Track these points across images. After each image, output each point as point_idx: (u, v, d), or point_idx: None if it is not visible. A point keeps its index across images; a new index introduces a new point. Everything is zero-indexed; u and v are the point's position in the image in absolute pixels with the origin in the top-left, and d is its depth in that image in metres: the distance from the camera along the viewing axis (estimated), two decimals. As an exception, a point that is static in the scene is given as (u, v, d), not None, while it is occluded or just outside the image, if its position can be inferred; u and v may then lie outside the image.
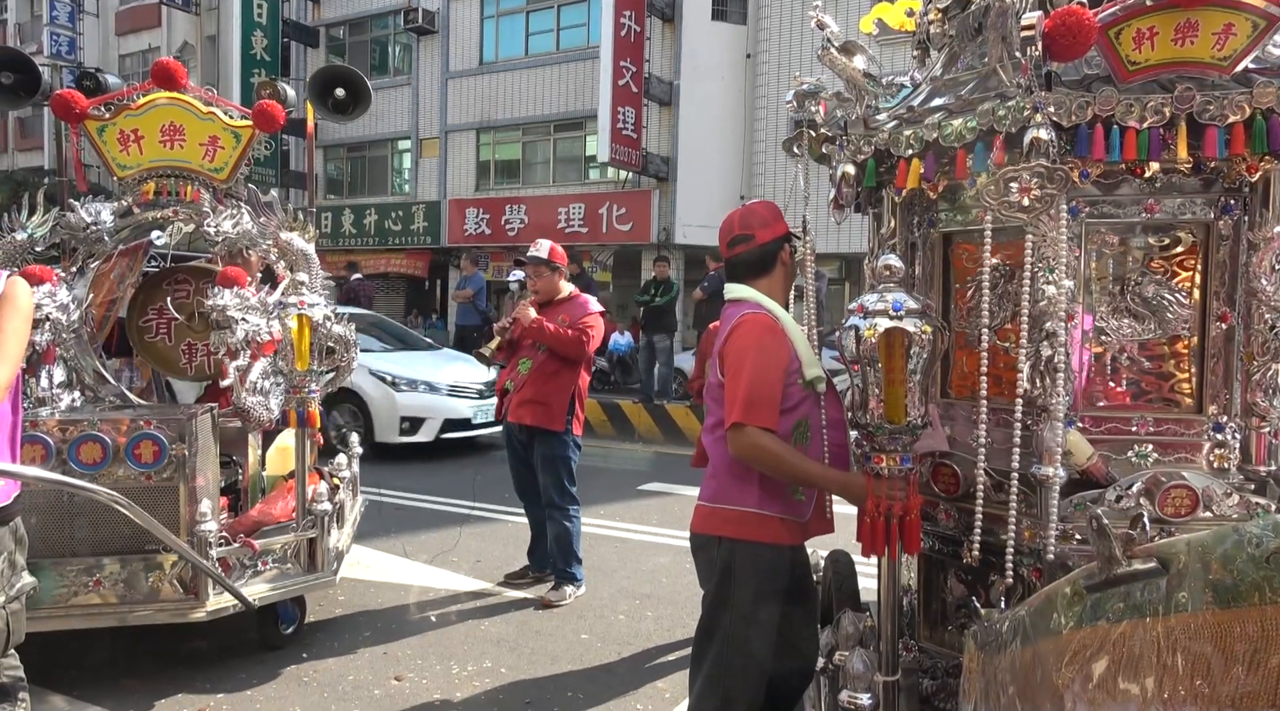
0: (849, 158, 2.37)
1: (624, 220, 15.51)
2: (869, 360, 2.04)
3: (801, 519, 2.40)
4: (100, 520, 3.27)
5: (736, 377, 2.27)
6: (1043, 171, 1.94)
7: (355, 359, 4.12)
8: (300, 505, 3.87)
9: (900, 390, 2.05)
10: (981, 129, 2.07)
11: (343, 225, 18.78)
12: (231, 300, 3.52)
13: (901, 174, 2.29)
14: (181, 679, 3.56)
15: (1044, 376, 2.10)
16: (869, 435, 2.13)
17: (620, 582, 4.90)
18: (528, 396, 4.48)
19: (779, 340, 2.31)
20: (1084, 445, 2.21)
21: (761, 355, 2.27)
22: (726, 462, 2.45)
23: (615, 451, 9.42)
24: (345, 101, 4.50)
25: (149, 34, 22.20)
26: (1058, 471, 2.09)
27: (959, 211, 2.44)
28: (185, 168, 3.91)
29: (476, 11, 17.58)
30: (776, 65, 14.81)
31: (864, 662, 2.28)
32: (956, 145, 2.13)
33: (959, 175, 2.18)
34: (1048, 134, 1.95)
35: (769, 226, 2.48)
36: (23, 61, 4.29)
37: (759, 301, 2.41)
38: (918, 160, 2.23)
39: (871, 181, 2.42)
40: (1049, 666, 1.41)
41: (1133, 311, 2.27)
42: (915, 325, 2.00)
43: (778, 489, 2.35)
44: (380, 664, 3.79)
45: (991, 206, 2.04)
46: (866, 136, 2.34)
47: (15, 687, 2.33)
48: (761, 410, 2.22)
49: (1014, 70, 2.06)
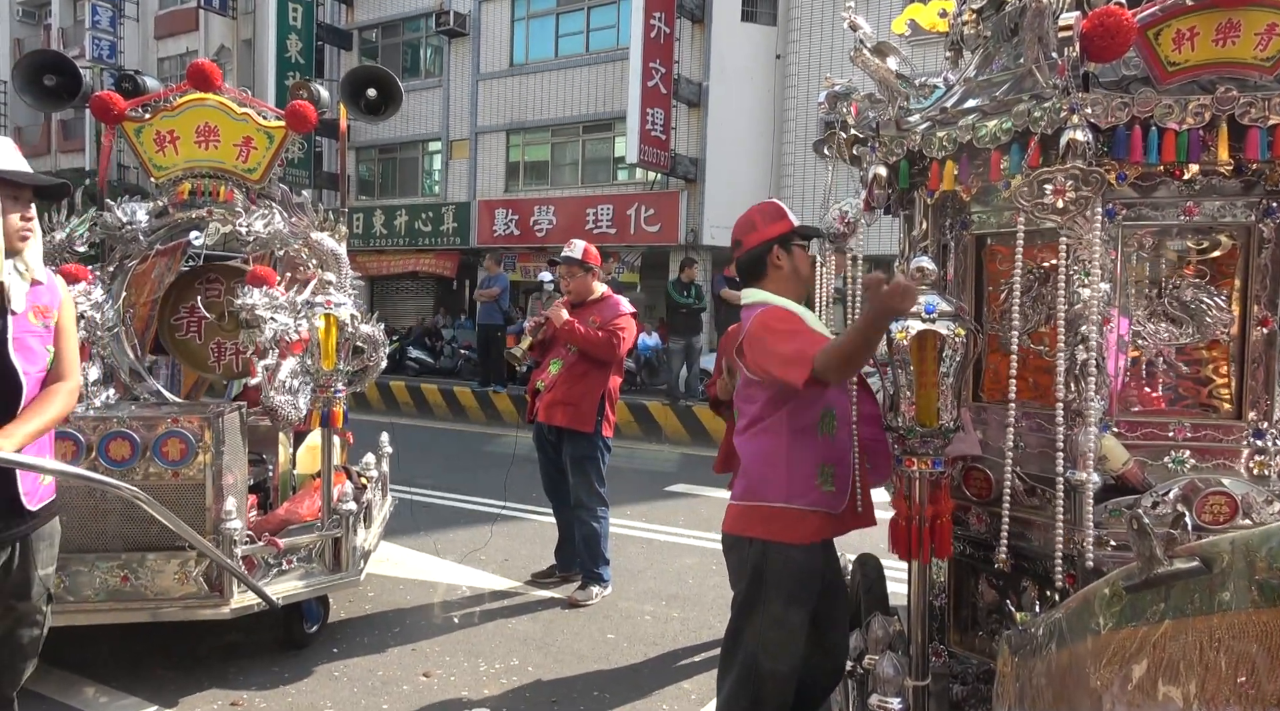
0: (881, 159, 2.35)
1: (652, 221, 15.49)
2: (901, 363, 2.02)
3: (834, 511, 2.39)
4: (130, 516, 3.32)
5: (768, 359, 2.27)
6: (1078, 173, 1.91)
7: (384, 358, 4.15)
8: (325, 504, 3.90)
9: (932, 393, 2.03)
10: (1017, 130, 2.05)
11: (373, 226, 18.95)
12: (260, 299, 3.56)
13: (934, 176, 2.27)
14: (215, 672, 3.61)
15: (1079, 381, 2.06)
16: (900, 438, 2.11)
17: (647, 583, 4.89)
18: (558, 397, 4.48)
19: (785, 315, 2.35)
20: (1119, 450, 2.17)
21: (774, 332, 2.30)
22: (756, 460, 2.46)
23: (641, 452, 9.42)
24: (377, 102, 4.53)
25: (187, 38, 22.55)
26: (1092, 476, 2.06)
27: (993, 213, 2.41)
28: (219, 168, 3.97)
29: (507, 13, 17.66)
30: (806, 67, 14.71)
31: (895, 667, 2.25)
32: (991, 147, 2.10)
33: (993, 177, 2.16)
34: (1085, 136, 1.92)
35: (756, 231, 2.49)
36: (65, 64, 4.36)
37: (768, 300, 2.44)
38: (951, 162, 2.21)
39: (905, 183, 2.39)
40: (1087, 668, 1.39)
41: (1170, 315, 2.23)
42: (948, 328, 1.98)
43: (806, 481, 2.35)
44: (409, 660, 3.82)
45: (1026, 208, 2.01)
46: (899, 138, 2.32)
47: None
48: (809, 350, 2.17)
49: (1050, 71, 2.02)
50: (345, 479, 4.42)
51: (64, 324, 2.22)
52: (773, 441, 2.41)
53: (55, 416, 2.13)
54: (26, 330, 2.09)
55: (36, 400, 2.11)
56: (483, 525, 6.06)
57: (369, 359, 4.03)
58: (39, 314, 2.13)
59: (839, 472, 2.41)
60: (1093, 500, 2.06)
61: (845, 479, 2.42)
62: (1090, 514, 2.07)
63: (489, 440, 10.05)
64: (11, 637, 2.17)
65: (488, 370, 12.29)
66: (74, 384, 2.23)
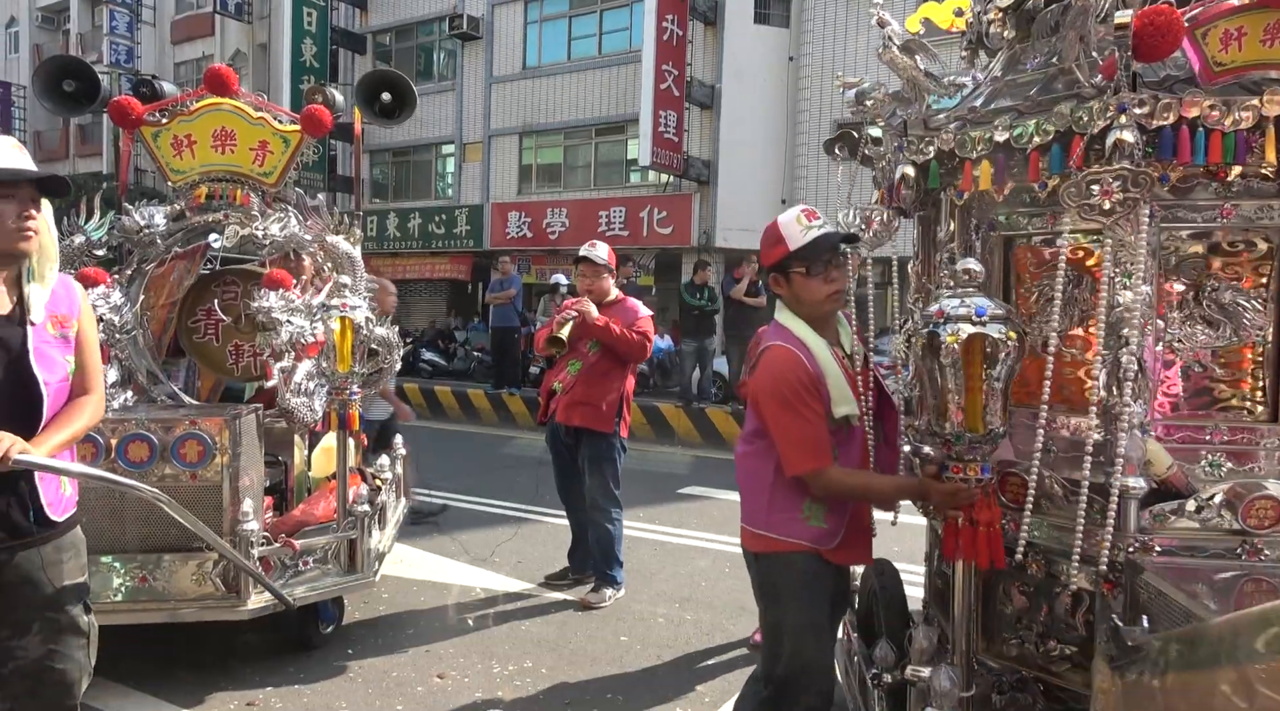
0: (909, 158, 2.29)
1: (665, 224, 15.51)
2: (951, 367, 1.96)
3: (821, 547, 2.36)
4: (149, 518, 3.35)
5: (774, 427, 2.29)
6: (1126, 174, 1.87)
7: (398, 360, 4.16)
8: (341, 506, 3.92)
9: (980, 398, 1.98)
10: (1059, 130, 2.00)
11: (387, 229, 19.04)
12: (276, 302, 3.58)
13: (967, 176, 2.22)
14: (231, 672, 3.63)
15: (1121, 384, 2.02)
16: (946, 444, 2.05)
17: (660, 586, 4.89)
18: (578, 398, 4.48)
19: (799, 376, 2.27)
20: (1163, 455, 2.13)
21: (784, 404, 2.25)
22: (742, 480, 2.48)
23: (654, 454, 9.42)
24: (391, 106, 4.56)
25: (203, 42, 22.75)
26: (1139, 482, 2.02)
27: (1023, 215, 2.36)
28: (236, 172, 3.99)
29: (520, 17, 17.73)
30: (819, 68, 14.69)
31: (950, 679, 2.18)
32: (1030, 147, 2.06)
33: (1031, 178, 2.11)
34: (1133, 136, 1.88)
35: (761, 257, 2.47)
36: (83, 69, 4.41)
37: (789, 329, 2.38)
38: (987, 162, 2.16)
39: (934, 183, 2.33)
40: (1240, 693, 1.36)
41: (1206, 318, 2.18)
42: (999, 331, 1.92)
43: (787, 513, 2.34)
44: (423, 661, 3.83)
45: (1071, 209, 1.96)
46: (928, 137, 2.26)
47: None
48: (810, 454, 2.23)
49: (1090, 70, 1.97)
50: (360, 481, 4.44)
51: (85, 335, 2.18)
52: (759, 467, 2.40)
53: (83, 428, 2.10)
54: (45, 340, 2.06)
55: (64, 412, 2.09)
56: (496, 527, 6.08)
57: (383, 361, 4.05)
58: (57, 323, 2.10)
59: (832, 509, 2.35)
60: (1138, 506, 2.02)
61: (839, 516, 2.36)
62: (1135, 520, 2.02)
63: (503, 443, 10.07)
64: (57, 651, 2.11)
65: (503, 373, 12.29)
66: (100, 395, 2.20)
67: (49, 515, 2.08)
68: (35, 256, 2.09)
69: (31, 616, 2.08)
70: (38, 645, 2.08)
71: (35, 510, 2.05)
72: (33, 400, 2.02)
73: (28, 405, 2.01)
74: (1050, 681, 2.31)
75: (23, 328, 2.04)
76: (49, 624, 2.10)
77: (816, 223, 2.36)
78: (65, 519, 2.14)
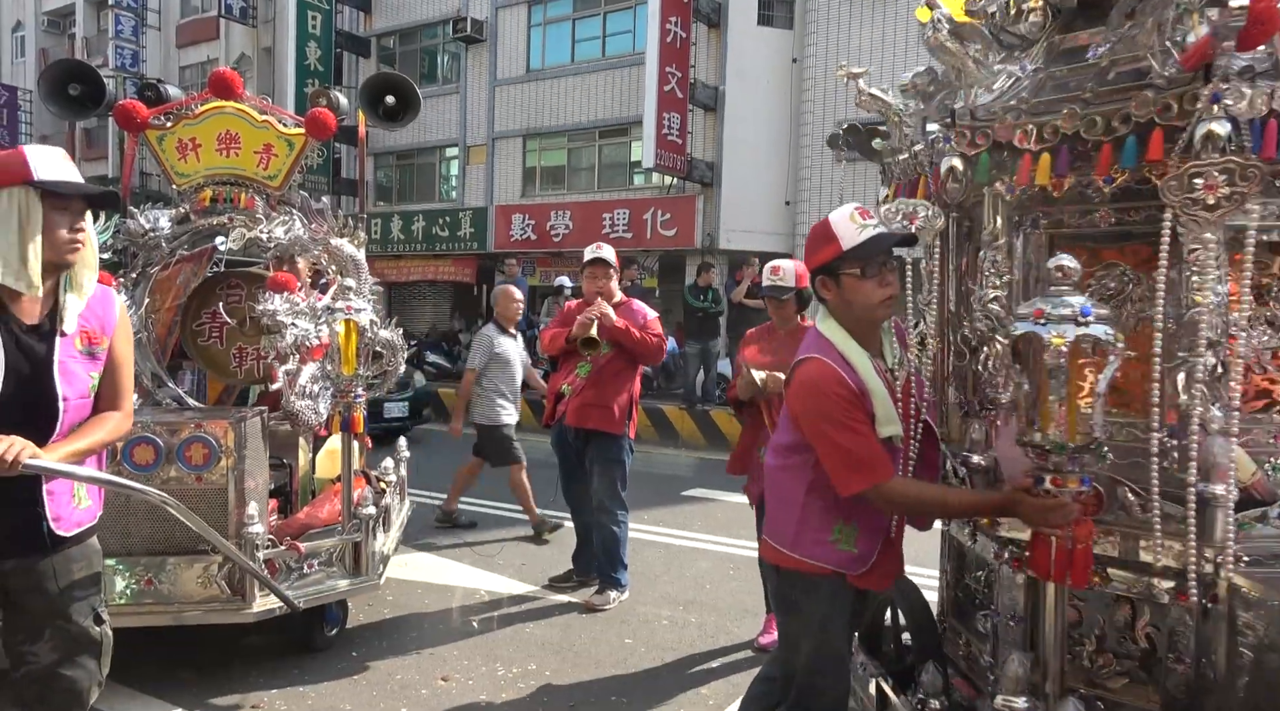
0: (957, 151, 2.14)
1: (669, 226, 15.50)
2: (1054, 371, 1.80)
3: (849, 572, 2.24)
4: (154, 521, 3.36)
5: (821, 447, 2.14)
6: (1234, 167, 1.76)
7: (402, 363, 4.17)
8: (346, 509, 3.93)
9: (1082, 404, 1.83)
10: (1138, 121, 1.89)
11: (391, 231, 19.06)
12: (281, 305, 3.59)
13: (1024, 169, 2.08)
14: (236, 674, 3.63)
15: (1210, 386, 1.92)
16: (1043, 454, 1.89)
17: (664, 588, 4.88)
18: (589, 400, 4.48)
19: (839, 392, 2.12)
20: (1247, 460, 2.03)
21: (829, 420, 2.10)
22: (771, 496, 2.36)
23: (658, 456, 9.41)
24: (395, 109, 4.56)
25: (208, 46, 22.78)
26: (1230, 489, 1.91)
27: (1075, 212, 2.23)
28: (240, 175, 4.00)
29: (524, 20, 17.74)
30: (823, 70, 14.66)
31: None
32: (1103, 139, 1.94)
33: (1100, 172, 1.99)
34: (1224, 128, 1.77)
35: (807, 258, 2.29)
36: (88, 73, 4.42)
37: (830, 341, 2.21)
38: (1048, 155, 2.03)
39: (984, 177, 2.19)
40: None
41: (1270, 319, 2.08)
42: (1106, 332, 1.79)
43: (815, 536, 2.22)
44: (427, 664, 3.83)
45: (1173, 205, 1.85)
46: (981, 128, 2.12)
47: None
48: (866, 470, 2.08)
49: (1165, 59, 1.88)
50: (365, 483, 4.45)
51: (118, 353, 2.15)
52: (791, 485, 2.28)
53: (99, 441, 2.08)
54: (70, 354, 2.04)
55: (88, 423, 2.08)
56: (501, 529, 6.08)
57: (388, 364, 4.06)
58: (86, 339, 2.08)
59: (864, 534, 2.23)
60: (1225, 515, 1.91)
61: (871, 542, 2.24)
62: (1227, 529, 1.91)
63: (506, 444, 10.06)
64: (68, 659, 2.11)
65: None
66: (127, 414, 2.18)
67: (57, 532, 2.06)
68: (75, 265, 2.09)
69: (42, 624, 2.08)
70: (49, 652, 2.08)
71: (43, 526, 2.04)
72: (50, 413, 2.01)
73: (44, 418, 1.99)
74: (1105, 697, 2.19)
75: (51, 339, 2.03)
76: (60, 632, 2.09)
77: (871, 221, 2.19)
78: (75, 534, 2.12)
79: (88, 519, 2.16)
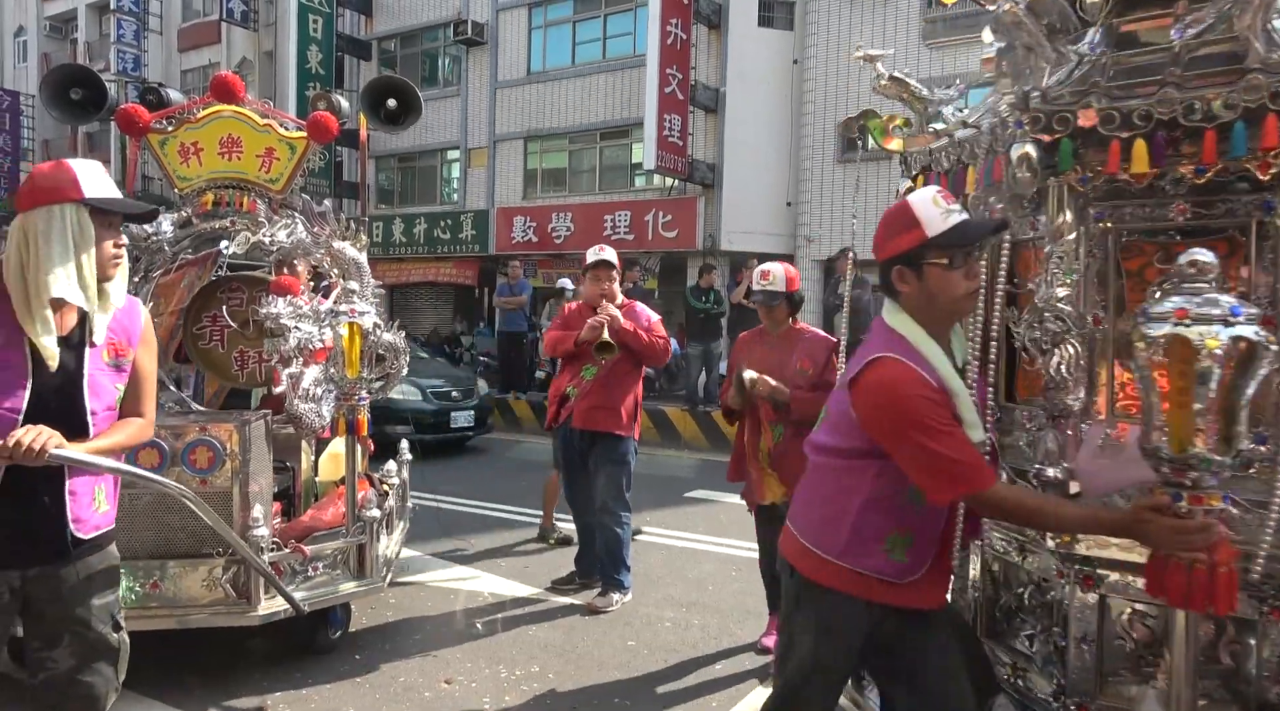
0: (1030, 137, 1.99)
1: (670, 227, 15.50)
2: (1204, 377, 1.62)
3: (897, 580, 2.02)
4: (160, 524, 3.36)
5: (911, 458, 1.89)
6: None
7: (405, 366, 4.17)
8: (350, 511, 3.93)
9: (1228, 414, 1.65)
10: (1250, 106, 1.80)
11: (393, 234, 19.08)
12: (285, 308, 3.59)
13: (1114, 157, 1.95)
14: (239, 678, 3.64)
15: None
16: (1179, 470, 1.69)
17: (666, 590, 4.88)
18: (596, 402, 4.49)
19: (924, 394, 1.89)
20: None
21: (919, 428, 1.86)
22: (818, 499, 2.13)
23: (660, 458, 9.41)
24: (397, 112, 4.57)
25: (210, 50, 22.81)
26: None
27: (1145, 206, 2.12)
28: (242, 178, 4.01)
29: (524, 22, 17.77)
30: (823, 71, 14.67)
31: None
32: (1206, 124, 1.85)
33: (1206, 159, 1.88)
34: None
35: (881, 245, 2.04)
36: (91, 78, 4.43)
37: (904, 337, 1.98)
38: (1142, 141, 1.91)
39: (1066, 164, 2.03)
40: None
41: None
42: (1258, 334, 1.61)
43: (867, 546, 2.02)
44: (430, 667, 3.83)
45: None
46: (1059, 112, 1.97)
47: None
48: (973, 475, 1.85)
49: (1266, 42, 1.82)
50: (368, 486, 4.45)
51: (142, 364, 2.17)
52: (844, 493, 2.06)
53: (121, 443, 2.10)
54: (99, 366, 2.06)
55: (111, 426, 2.10)
56: (504, 531, 6.08)
57: (391, 366, 4.06)
58: (112, 350, 2.10)
59: (918, 544, 2.03)
60: None
61: (923, 553, 2.04)
62: None
63: (509, 446, 10.08)
64: (86, 666, 2.11)
65: (510, 376, 12.31)
66: (149, 421, 2.20)
67: (76, 533, 2.07)
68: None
69: (61, 631, 2.09)
70: (67, 658, 2.09)
71: (64, 528, 2.05)
72: (80, 425, 2.02)
73: (74, 430, 2.00)
74: None
75: (81, 350, 2.05)
76: (77, 638, 2.10)
77: (955, 206, 1.97)
78: (93, 538, 2.13)
79: (105, 523, 2.17)
